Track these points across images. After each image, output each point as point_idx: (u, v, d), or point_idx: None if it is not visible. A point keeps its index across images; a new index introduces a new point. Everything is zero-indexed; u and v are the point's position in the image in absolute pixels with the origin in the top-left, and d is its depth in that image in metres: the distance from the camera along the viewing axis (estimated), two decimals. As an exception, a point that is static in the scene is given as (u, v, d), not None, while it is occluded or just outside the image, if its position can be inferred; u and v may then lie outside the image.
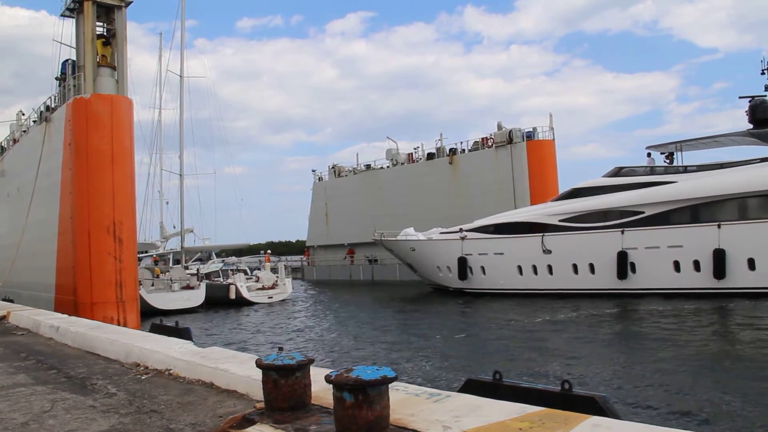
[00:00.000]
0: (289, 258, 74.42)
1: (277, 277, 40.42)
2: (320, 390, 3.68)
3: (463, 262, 36.33)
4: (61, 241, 25.28)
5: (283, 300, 38.69)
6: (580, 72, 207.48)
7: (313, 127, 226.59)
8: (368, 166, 62.18)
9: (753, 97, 32.33)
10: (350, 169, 64.74)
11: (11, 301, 20.72)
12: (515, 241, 34.54)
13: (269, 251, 50.89)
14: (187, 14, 42.38)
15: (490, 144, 50.08)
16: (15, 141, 34.84)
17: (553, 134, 48.25)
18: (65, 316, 11.34)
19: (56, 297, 25.17)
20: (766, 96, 32.17)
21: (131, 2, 26.35)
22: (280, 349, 3.96)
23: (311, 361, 3.62)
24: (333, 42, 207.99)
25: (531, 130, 48.25)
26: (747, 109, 32.01)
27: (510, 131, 48.29)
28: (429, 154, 55.58)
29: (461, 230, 37.35)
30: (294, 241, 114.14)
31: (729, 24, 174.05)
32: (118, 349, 6.90)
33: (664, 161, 33.77)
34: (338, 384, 2.98)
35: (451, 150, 53.37)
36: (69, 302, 23.22)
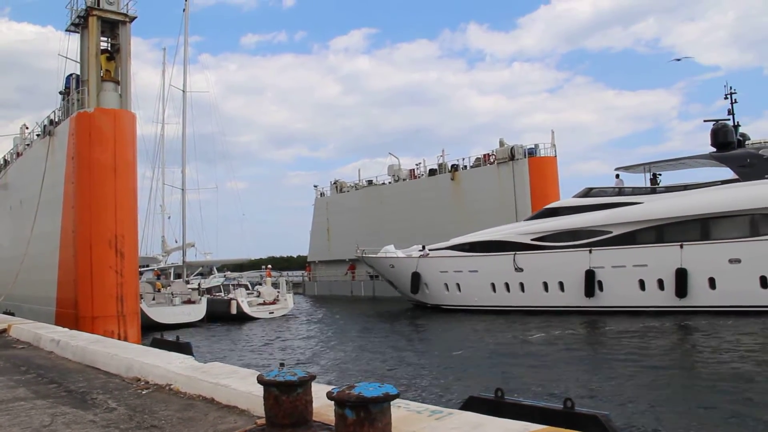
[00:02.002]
0: (290, 273, 74.28)
1: (278, 292, 40.33)
2: (321, 406, 3.66)
3: (416, 278, 38.18)
4: (62, 254, 25.27)
5: (284, 315, 38.60)
6: (582, 89, 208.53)
7: (315, 142, 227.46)
8: (370, 182, 62.26)
9: (716, 120, 33.26)
10: (352, 184, 64.82)
11: (12, 314, 20.69)
12: (485, 259, 35.68)
13: (270, 266, 50.83)
14: (192, 30, 42.68)
15: (492, 160, 50.19)
16: (18, 154, 34.95)
17: (555, 151, 48.48)
18: (66, 329, 11.32)
19: (57, 310, 25.12)
20: (728, 120, 33.14)
21: (135, 18, 26.56)
22: (282, 364, 3.95)
23: (313, 378, 3.60)
24: (336, 58, 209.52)
25: (533, 146, 48.44)
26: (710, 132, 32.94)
27: (512, 148, 48.42)
28: (431, 170, 55.69)
29: (423, 248, 39.21)
30: (295, 257, 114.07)
31: (730, 42, 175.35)
32: (119, 363, 6.89)
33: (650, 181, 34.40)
34: (340, 401, 2.97)
35: (453, 166, 53.47)
36: (70, 316, 23.17)
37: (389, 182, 59.63)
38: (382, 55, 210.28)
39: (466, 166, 52.89)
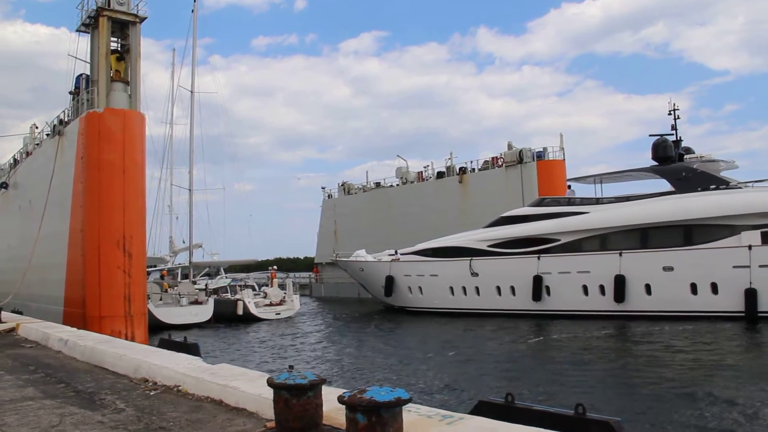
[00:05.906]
0: (297, 275, 74.32)
1: (285, 293, 40.39)
2: (331, 410, 3.64)
3: (390, 282, 40.13)
4: (71, 254, 25.34)
5: (290, 316, 38.63)
6: (592, 93, 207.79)
7: (324, 144, 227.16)
8: (378, 184, 62.20)
9: (661, 135, 35.03)
10: (360, 186, 64.81)
11: (20, 313, 20.74)
12: (444, 264, 37.65)
13: (275, 267, 50.84)
14: (203, 32, 42.88)
15: (500, 163, 50.08)
16: (28, 154, 35.09)
17: (564, 154, 48.24)
18: (74, 329, 11.35)
19: (65, 310, 25.19)
20: (672, 135, 35.01)
21: (146, 18, 26.62)
22: (291, 367, 3.92)
23: (323, 381, 3.58)
24: (346, 61, 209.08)
25: (541, 150, 48.25)
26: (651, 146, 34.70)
27: (520, 151, 48.29)
28: (439, 173, 55.59)
29: (396, 252, 41.66)
30: (302, 258, 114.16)
31: (740, 47, 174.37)
32: (127, 364, 6.88)
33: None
34: (351, 405, 2.94)
35: (461, 169, 53.36)
36: (77, 315, 23.22)
37: (397, 184, 59.60)
38: (392, 58, 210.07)
39: (474, 169, 52.79)
